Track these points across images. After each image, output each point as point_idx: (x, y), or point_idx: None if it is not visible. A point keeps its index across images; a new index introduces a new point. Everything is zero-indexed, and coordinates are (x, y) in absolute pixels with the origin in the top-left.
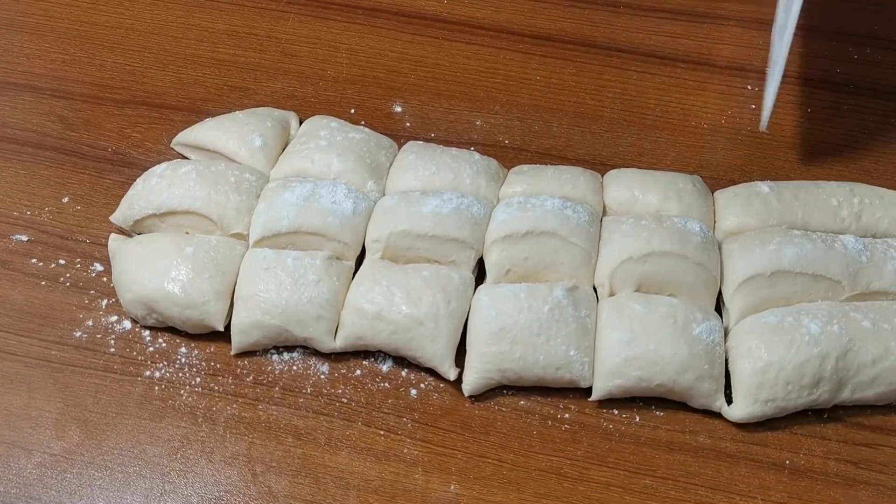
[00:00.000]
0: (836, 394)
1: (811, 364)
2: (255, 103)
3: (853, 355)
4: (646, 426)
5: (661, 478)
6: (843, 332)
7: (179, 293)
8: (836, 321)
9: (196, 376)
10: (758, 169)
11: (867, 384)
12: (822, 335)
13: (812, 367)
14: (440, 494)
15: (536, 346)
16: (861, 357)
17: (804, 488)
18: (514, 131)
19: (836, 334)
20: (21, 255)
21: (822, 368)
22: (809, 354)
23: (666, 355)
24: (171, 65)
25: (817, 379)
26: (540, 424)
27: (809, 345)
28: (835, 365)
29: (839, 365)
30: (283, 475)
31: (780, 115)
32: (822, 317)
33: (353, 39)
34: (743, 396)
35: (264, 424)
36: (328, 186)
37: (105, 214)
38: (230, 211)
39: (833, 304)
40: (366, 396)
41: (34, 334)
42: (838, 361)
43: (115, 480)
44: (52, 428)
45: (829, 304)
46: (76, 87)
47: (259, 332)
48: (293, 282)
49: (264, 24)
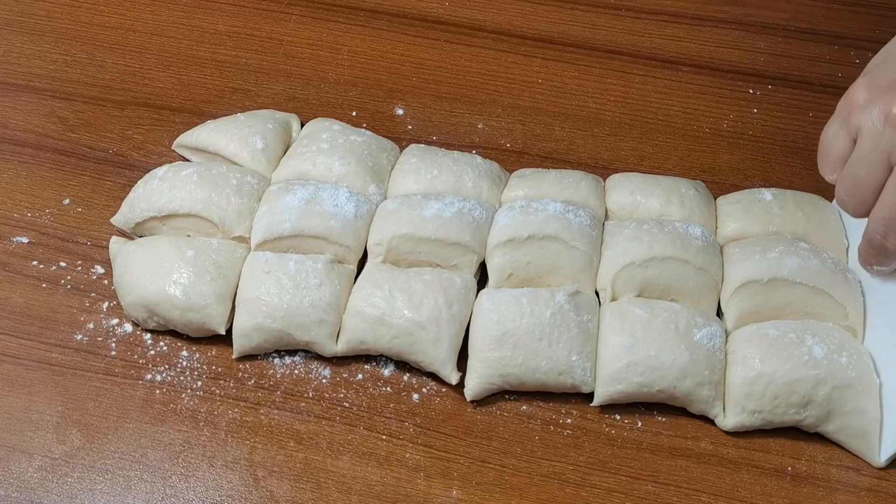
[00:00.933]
0: (822, 421)
1: (803, 384)
2: (257, 105)
3: (854, 395)
4: (648, 431)
5: (663, 483)
6: (852, 367)
7: (180, 296)
8: (847, 353)
9: (197, 380)
10: (760, 173)
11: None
12: (826, 361)
13: (803, 388)
14: (442, 500)
15: (538, 352)
16: (862, 403)
17: (806, 494)
18: (515, 134)
19: (843, 366)
20: (21, 257)
21: (815, 392)
22: (804, 375)
23: (666, 361)
24: (172, 66)
25: (806, 401)
26: (542, 429)
27: (807, 366)
28: (829, 394)
29: (835, 395)
30: (284, 480)
31: (782, 119)
32: (831, 343)
33: (354, 41)
34: (732, 404)
35: (266, 428)
36: (330, 190)
37: (106, 216)
38: (231, 213)
39: (850, 337)
40: (367, 401)
41: (35, 337)
42: (834, 391)
43: (117, 484)
44: (52, 431)
45: (845, 335)
46: (77, 88)
47: (260, 336)
48: (295, 285)
49: (265, 25)
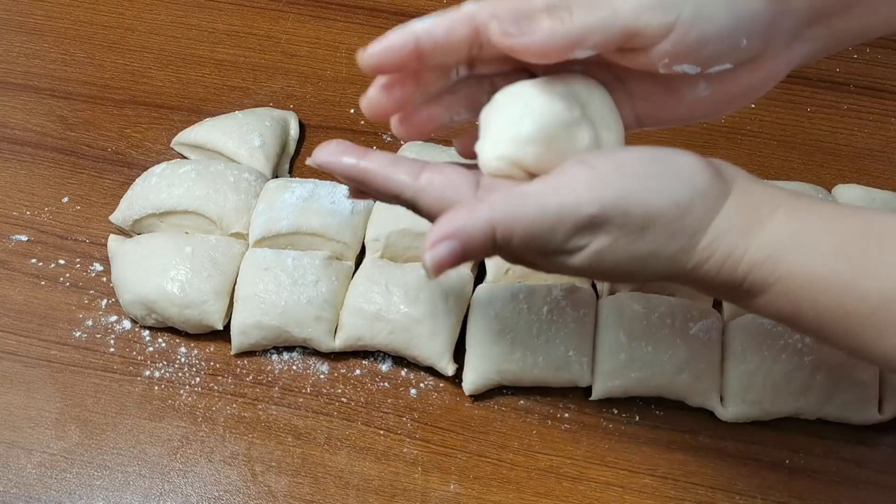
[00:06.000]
0: (822, 406)
1: (800, 373)
2: (255, 103)
3: (850, 368)
4: (645, 425)
5: (660, 477)
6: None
7: (178, 293)
8: None
9: (196, 376)
10: (757, 168)
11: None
12: (818, 344)
13: (801, 376)
14: (440, 494)
15: (536, 347)
16: (857, 375)
17: (804, 487)
18: None
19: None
20: (21, 255)
21: (812, 379)
22: (800, 363)
23: (663, 355)
24: (171, 65)
25: (805, 388)
26: (539, 424)
27: (802, 352)
28: (826, 377)
29: (831, 376)
30: (282, 475)
31: (779, 114)
32: None
33: (352, 39)
34: (731, 396)
35: (264, 424)
36: (327, 187)
37: (105, 214)
38: (229, 210)
39: None
40: (365, 396)
41: (34, 334)
42: (831, 373)
43: (115, 480)
44: (51, 428)
45: None
46: (76, 87)
47: (259, 333)
48: (292, 282)
49: (264, 24)
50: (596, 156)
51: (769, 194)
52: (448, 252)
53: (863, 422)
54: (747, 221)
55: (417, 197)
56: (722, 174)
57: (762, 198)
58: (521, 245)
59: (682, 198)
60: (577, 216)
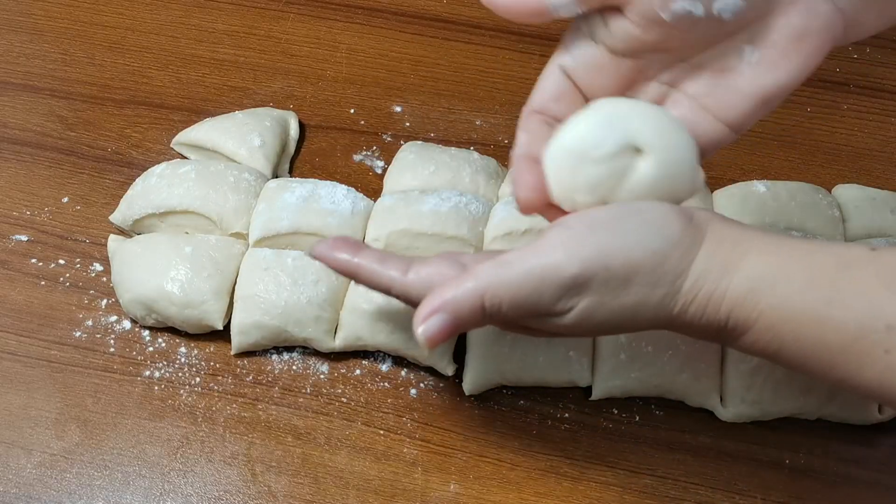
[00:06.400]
0: (823, 405)
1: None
2: (255, 103)
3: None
4: (645, 426)
5: (660, 477)
6: None
7: (178, 293)
8: None
9: (196, 376)
10: (758, 168)
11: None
12: None
13: (801, 376)
14: (440, 494)
15: (536, 347)
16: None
17: (804, 487)
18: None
19: None
20: (20, 255)
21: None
22: None
23: (663, 355)
24: (171, 65)
25: (805, 388)
26: (539, 424)
27: None
28: None
29: None
30: (282, 475)
31: (780, 114)
32: None
33: (352, 39)
34: (731, 396)
35: (264, 424)
36: (327, 187)
37: (105, 214)
38: (229, 210)
39: None
40: (365, 396)
41: (34, 334)
42: None
43: (115, 480)
44: (51, 428)
45: None
46: (75, 87)
47: (259, 333)
48: (292, 282)
49: (264, 24)
50: (573, 217)
51: (743, 235)
52: (439, 325)
53: (863, 422)
54: (724, 262)
55: (407, 290)
56: (693, 220)
57: (736, 239)
58: (510, 310)
59: (657, 247)
60: (561, 276)
